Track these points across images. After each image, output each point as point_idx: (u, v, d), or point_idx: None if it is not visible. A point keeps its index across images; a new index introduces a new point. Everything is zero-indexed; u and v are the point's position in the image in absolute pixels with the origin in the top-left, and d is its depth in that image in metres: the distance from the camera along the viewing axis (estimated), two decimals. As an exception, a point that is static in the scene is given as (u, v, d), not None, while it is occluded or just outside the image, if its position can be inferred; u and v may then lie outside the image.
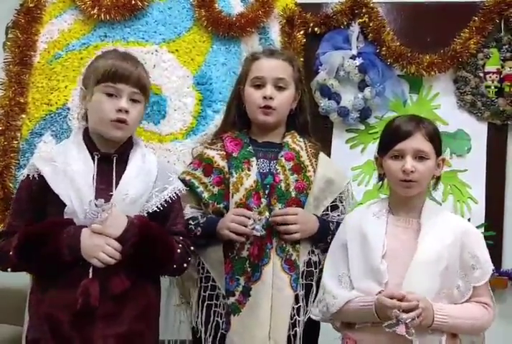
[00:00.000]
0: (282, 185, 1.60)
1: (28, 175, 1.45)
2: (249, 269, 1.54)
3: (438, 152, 1.45)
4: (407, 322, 1.28)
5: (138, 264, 1.39)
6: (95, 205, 1.36)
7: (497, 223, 2.16)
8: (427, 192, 1.51)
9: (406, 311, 1.29)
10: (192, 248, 1.51)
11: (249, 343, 1.52)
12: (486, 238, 1.49)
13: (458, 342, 1.41)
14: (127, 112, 1.44)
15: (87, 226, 1.37)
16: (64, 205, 1.39)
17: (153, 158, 1.54)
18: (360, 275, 1.42)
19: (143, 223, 1.41)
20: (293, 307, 1.55)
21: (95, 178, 1.41)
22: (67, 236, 1.36)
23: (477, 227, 2.04)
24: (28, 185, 1.45)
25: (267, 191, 1.59)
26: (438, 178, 1.50)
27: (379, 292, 1.36)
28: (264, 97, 1.62)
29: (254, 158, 1.63)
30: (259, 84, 1.64)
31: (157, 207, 1.47)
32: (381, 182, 1.54)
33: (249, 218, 1.52)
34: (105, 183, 1.42)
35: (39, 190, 1.43)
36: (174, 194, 1.50)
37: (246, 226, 1.52)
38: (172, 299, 1.68)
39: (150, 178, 1.48)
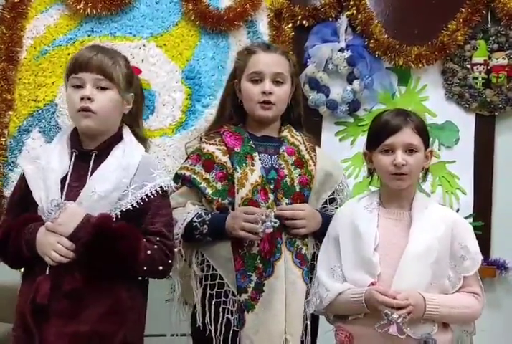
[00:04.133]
0: (287, 179, 1.59)
1: (21, 173, 1.48)
2: (260, 265, 1.52)
3: (426, 144, 1.47)
4: (398, 321, 1.30)
5: (94, 264, 1.34)
6: (55, 204, 1.35)
7: (485, 214, 2.19)
8: (417, 184, 1.53)
9: (397, 309, 1.30)
10: (176, 249, 1.45)
11: (265, 339, 1.51)
12: (474, 228, 1.51)
13: (450, 332, 1.43)
14: (90, 99, 1.39)
15: None
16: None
17: (137, 153, 1.46)
18: (352, 267, 1.43)
19: (100, 221, 1.34)
20: (304, 301, 1.55)
21: (68, 176, 1.40)
22: (27, 233, 1.37)
23: (466, 217, 2.07)
24: (19, 182, 1.47)
25: (272, 186, 1.58)
26: (427, 170, 1.52)
27: (372, 284, 1.38)
28: (263, 92, 1.61)
29: (256, 153, 1.61)
30: (257, 79, 1.63)
31: (132, 205, 1.39)
32: (370, 176, 1.56)
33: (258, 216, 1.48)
34: (80, 180, 1.40)
35: (26, 188, 1.43)
36: (154, 192, 1.42)
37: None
38: (174, 298, 1.64)
39: (126, 174, 1.41)
